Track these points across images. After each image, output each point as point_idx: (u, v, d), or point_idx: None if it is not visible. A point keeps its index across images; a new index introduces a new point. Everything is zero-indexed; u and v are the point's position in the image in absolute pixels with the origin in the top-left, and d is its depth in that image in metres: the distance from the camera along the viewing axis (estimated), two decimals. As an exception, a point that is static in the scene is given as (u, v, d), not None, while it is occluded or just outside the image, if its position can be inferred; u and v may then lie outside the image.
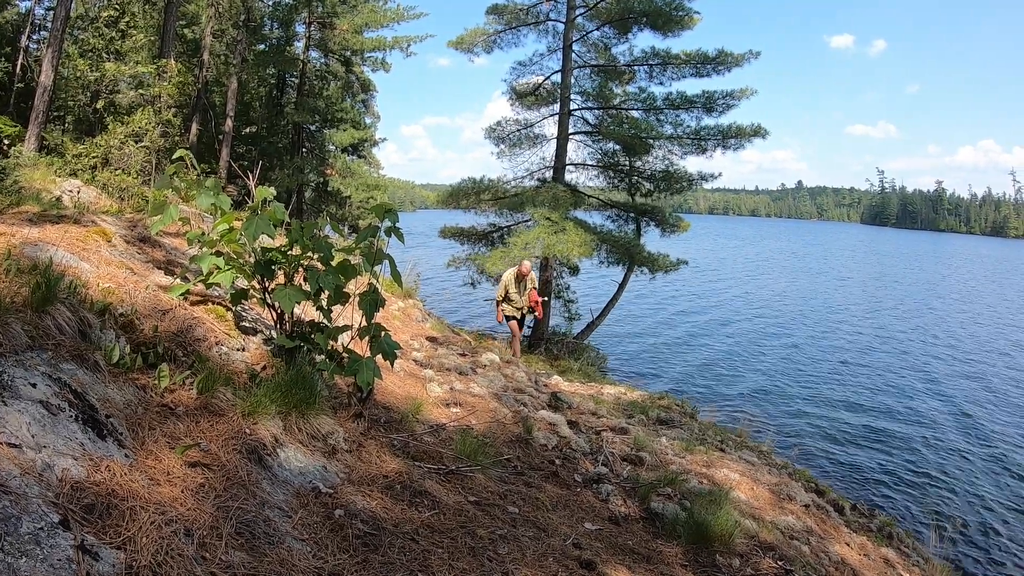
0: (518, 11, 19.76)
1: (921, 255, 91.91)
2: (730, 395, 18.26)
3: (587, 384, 12.14)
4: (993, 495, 12.58)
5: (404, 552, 2.82)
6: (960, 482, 13.09)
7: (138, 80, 17.44)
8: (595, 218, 20.89)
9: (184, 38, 25.19)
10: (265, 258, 4.03)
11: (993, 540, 10.88)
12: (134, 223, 5.65)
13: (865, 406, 17.91)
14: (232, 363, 3.81)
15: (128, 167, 14.46)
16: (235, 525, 2.38)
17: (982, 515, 11.73)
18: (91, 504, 2.04)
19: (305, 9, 25.04)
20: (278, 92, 28.84)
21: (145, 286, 4.05)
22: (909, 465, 13.80)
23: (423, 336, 9.43)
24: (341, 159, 27.42)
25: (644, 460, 6.21)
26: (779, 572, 4.32)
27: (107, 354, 3.05)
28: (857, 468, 13.44)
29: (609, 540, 4.07)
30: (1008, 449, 15.20)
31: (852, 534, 6.67)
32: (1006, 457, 14.69)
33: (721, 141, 18.63)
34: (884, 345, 26.71)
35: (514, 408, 6.67)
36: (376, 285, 4.10)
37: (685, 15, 18.51)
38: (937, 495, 12.41)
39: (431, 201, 23.03)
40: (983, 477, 13.40)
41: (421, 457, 4.14)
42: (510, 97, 21.06)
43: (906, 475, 13.25)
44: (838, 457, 13.97)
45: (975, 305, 40.65)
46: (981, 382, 21.50)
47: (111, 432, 2.50)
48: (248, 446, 2.98)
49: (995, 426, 16.81)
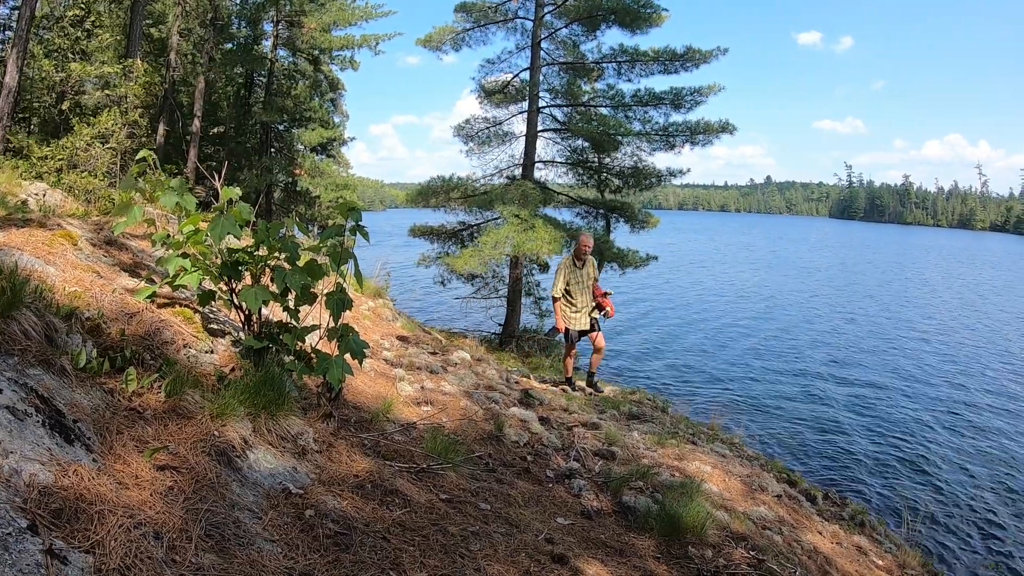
0: (486, 9, 19.77)
1: (883, 247, 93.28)
2: (702, 388, 18.41)
3: (558, 380, 12.17)
4: (960, 479, 12.82)
5: (375, 551, 2.83)
6: (930, 467, 13.32)
7: (104, 80, 17.27)
8: (565, 215, 21.01)
9: (151, 37, 24.93)
10: (232, 259, 4.02)
11: (961, 522, 11.09)
12: (100, 226, 5.59)
13: (832, 395, 18.17)
14: (200, 365, 3.80)
15: (94, 169, 14.32)
16: (205, 527, 2.39)
17: (950, 499, 11.94)
18: (59, 509, 2.04)
19: (273, 7, 24.87)
20: (246, 92, 28.59)
21: (112, 289, 4.02)
22: (879, 452, 14.01)
23: (393, 335, 9.40)
24: (310, 159, 27.27)
25: (616, 455, 6.24)
26: (751, 562, 4.36)
27: (74, 358, 3.04)
28: (828, 457, 13.62)
29: (581, 534, 4.10)
30: (974, 432, 15.54)
31: (824, 523, 6.74)
32: (974, 440, 15.00)
33: (689, 137, 18.79)
34: (849, 335, 27.12)
35: (485, 405, 6.68)
36: (343, 285, 4.10)
37: (653, 12, 18.63)
38: (908, 481, 12.60)
39: (401, 200, 23.05)
40: (951, 462, 13.64)
41: (392, 456, 4.15)
42: (479, 95, 21.08)
43: (877, 463, 13.45)
44: (810, 447, 14.14)
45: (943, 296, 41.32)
46: (950, 369, 21.97)
47: (79, 437, 2.49)
48: (217, 448, 2.98)
49: (963, 411, 17.16)
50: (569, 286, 9.98)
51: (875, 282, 48.00)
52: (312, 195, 28.11)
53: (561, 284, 9.99)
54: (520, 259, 18.85)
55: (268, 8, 24.95)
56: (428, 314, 23.89)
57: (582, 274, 9.99)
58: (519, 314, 20.23)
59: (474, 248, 17.54)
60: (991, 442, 14.93)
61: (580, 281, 9.99)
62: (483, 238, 17.57)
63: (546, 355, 17.49)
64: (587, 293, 10.05)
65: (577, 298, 10.02)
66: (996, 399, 18.34)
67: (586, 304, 10.06)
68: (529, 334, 19.90)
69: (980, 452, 14.27)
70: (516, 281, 19.90)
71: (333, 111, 31.80)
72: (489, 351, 14.85)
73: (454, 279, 20.48)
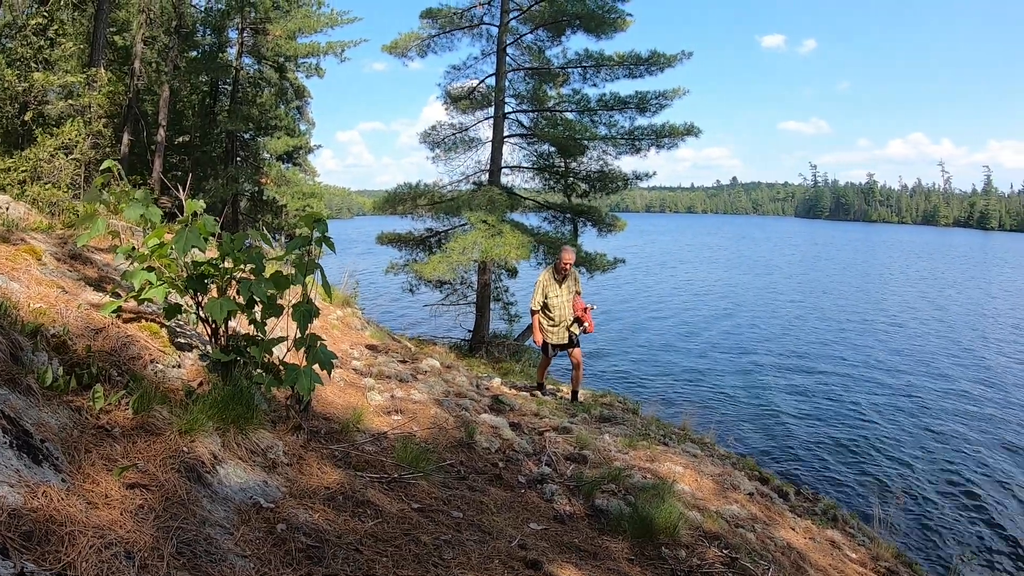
0: (452, 15, 19.77)
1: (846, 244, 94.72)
2: (672, 389, 18.58)
3: (529, 385, 12.20)
4: (930, 469, 13.10)
5: (348, 562, 2.84)
6: (899, 458, 13.59)
7: (68, 90, 17.03)
8: (532, 220, 21.04)
9: (114, 45, 24.60)
10: (197, 272, 4.00)
11: (931, 512, 11.32)
12: (65, 240, 5.53)
13: (801, 391, 18.50)
14: (168, 380, 3.77)
15: (58, 181, 14.12)
16: (176, 545, 2.38)
17: (921, 489, 12.19)
18: (29, 531, 2.03)
19: (238, 14, 24.69)
20: (211, 100, 28.34)
21: (77, 305, 3.99)
22: (850, 446, 14.27)
23: (362, 344, 9.39)
24: (276, 167, 27.10)
25: (587, 458, 6.28)
26: (725, 560, 4.42)
27: (40, 377, 3.01)
28: (798, 453, 13.82)
29: (555, 539, 4.13)
30: (940, 422, 15.91)
31: (797, 519, 6.82)
32: (941, 429, 15.36)
33: (655, 141, 18.91)
34: (816, 329, 27.59)
35: (456, 413, 6.69)
36: (309, 295, 4.10)
37: (618, 17, 18.76)
38: (879, 474, 12.83)
39: (368, 207, 22.92)
40: (920, 452, 13.93)
41: (363, 467, 4.15)
42: (445, 101, 21.12)
43: (847, 456, 13.70)
44: (780, 444, 14.34)
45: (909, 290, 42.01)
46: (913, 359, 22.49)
47: (47, 457, 2.48)
48: (186, 464, 2.97)
49: (928, 400, 17.57)
50: (548, 299, 9.82)
51: (834, 278, 49.00)
52: (279, 204, 27.96)
53: (539, 297, 9.83)
54: (488, 265, 18.86)
55: (233, 15, 24.75)
56: (397, 322, 23.83)
57: (562, 288, 9.85)
58: (488, 320, 20.24)
59: (442, 254, 17.52)
60: (963, 429, 15.32)
61: (559, 295, 9.83)
62: (451, 244, 17.55)
63: (516, 360, 17.52)
64: (566, 307, 9.88)
65: (555, 312, 9.86)
66: (977, 390, 18.89)
67: (564, 318, 9.89)
68: (499, 340, 19.92)
69: (949, 441, 14.60)
70: (485, 287, 19.92)
71: (299, 119, 31.70)
72: (459, 358, 14.88)
73: (423, 286, 20.48)
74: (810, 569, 5.06)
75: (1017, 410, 16.99)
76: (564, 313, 9.88)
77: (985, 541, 10.48)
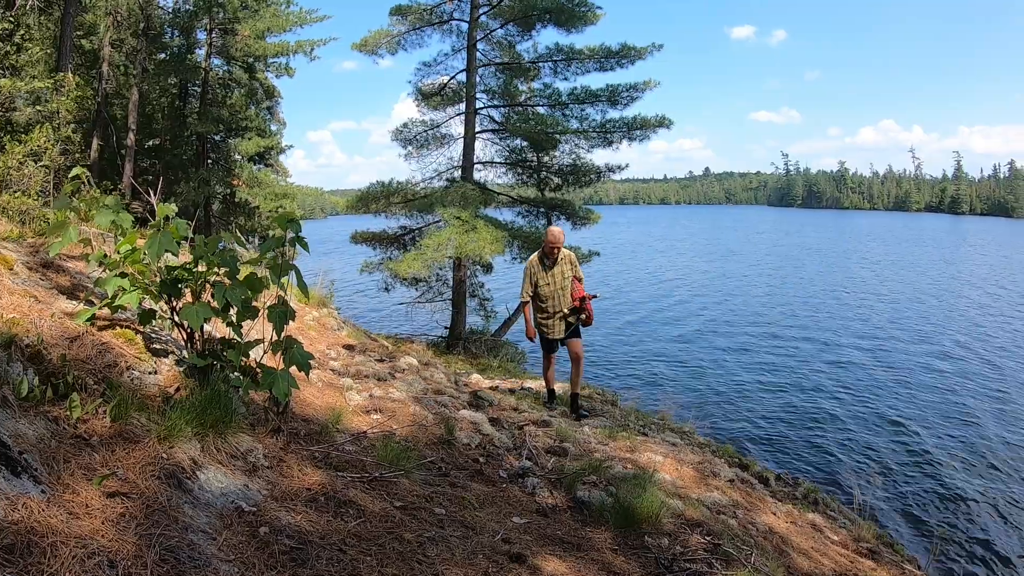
0: (422, 11, 19.74)
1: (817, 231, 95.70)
2: (650, 379, 18.70)
3: (508, 380, 12.22)
4: (903, 452, 13.30)
5: (332, 563, 2.85)
6: (875, 441, 13.79)
7: (35, 96, 16.78)
8: (506, 215, 21.14)
9: (82, 49, 24.28)
10: (171, 277, 3.97)
11: (909, 492, 11.49)
12: (36, 248, 5.47)
13: (776, 375, 18.73)
14: (145, 387, 3.75)
15: (28, 188, 13.92)
16: (159, 552, 2.38)
17: (900, 470, 12.37)
18: (11, 544, 2.02)
19: (206, 15, 24.49)
20: (181, 102, 28.07)
21: (51, 314, 3.95)
22: (829, 431, 14.47)
23: (340, 345, 9.36)
24: (247, 169, 26.90)
25: (568, 451, 6.31)
26: (708, 547, 4.45)
27: (15, 388, 2.98)
28: (777, 438, 13.98)
29: (538, 532, 4.14)
30: (912, 406, 16.14)
31: (778, 504, 6.89)
32: (912, 413, 15.58)
33: (627, 133, 19.03)
34: (786, 319, 27.85)
35: (435, 410, 6.70)
36: (284, 297, 4.09)
37: (588, 11, 18.84)
38: (858, 457, 12.99)
39: (341, 207, 22.82)
40: (893, 435, 14.13)
41: (344, 467, 4.15)
42: (416, 98, 21.08)
43: (826, 441, 13.88)
44: (760, 430, 14.48)
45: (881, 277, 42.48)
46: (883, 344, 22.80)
47: (25, 468, 2.46)
48: (167, 471, 2.96)
49: (899, 385, 17.81)
50: (538, 288, 8.65)
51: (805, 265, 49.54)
52: (251, 206, 27.75)
53: (527, 286, 8.66)
54: (463, 261, 18.89)
55: (201, 16, 24.58)
56: (374, 321, 23.80)
57: (552, 274, 8.62)
58: (465, 316, 20.28)
59: (417, 252, 17.53)
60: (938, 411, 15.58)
61: (551, 282, 8.61)
62: (425, 241, 17.57)
63: (494, 356, 17.57)
64: (559, 295, 8.65)
65: (547, 302, 8.66)
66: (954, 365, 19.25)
67: (559, 308, 8.66)
68: (476, 335, 19.97)
69: (924, 420, 14.85)
70: (460, 283, 19.95)
71: (270, 119, 31.44)
72: (437, 355, 14.86)
73: (398, 284, 20.44)
74: (793, 552, 5.11)
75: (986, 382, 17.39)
76: (558, 302, 8.66)
77: (963, 516, 10.66)
